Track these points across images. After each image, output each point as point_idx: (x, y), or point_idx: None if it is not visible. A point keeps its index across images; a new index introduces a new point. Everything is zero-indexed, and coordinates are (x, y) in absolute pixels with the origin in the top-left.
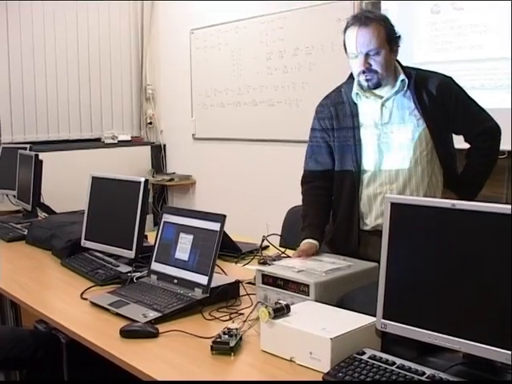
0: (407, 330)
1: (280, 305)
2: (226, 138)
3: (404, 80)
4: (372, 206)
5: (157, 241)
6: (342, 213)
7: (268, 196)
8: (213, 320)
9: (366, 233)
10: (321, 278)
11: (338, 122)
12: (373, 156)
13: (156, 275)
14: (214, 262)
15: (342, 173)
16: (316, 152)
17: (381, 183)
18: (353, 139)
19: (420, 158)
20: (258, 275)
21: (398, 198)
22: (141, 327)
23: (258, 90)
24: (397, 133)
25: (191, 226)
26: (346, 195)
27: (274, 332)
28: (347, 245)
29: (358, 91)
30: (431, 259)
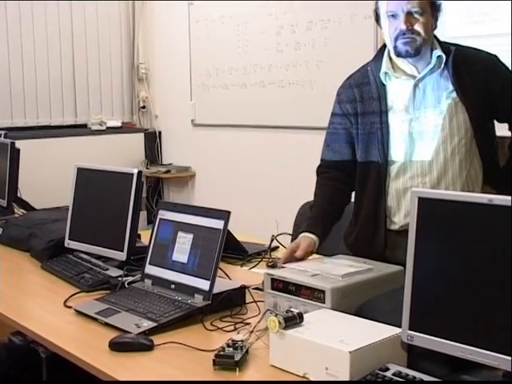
0: (437, 343)
1: (292, 313)
2: (230, 125)
3: (441, 56)
4: (401, 202)
5: (151, 241)
6: (365, 210)
7: (278, 190)
8: (215, 330)
9: (394, 233)
10: (338, 283)
11: (362, 106)
12: (403, 145)
13: (151, 280)
14: (216, 265)
15: (366, 164)
16: (334, 140)
17: (411, 176)
18: (379, 125)
19: (458, 147)
20: (267, 280)
21: (426, 192)
22: (133, 339)
23: (266, 69)
24: (431, 118)
25: (191, 224)
26: (370, 190)
27: (284, 344)
28: (372, 247)
29: (387, 70)
30: (465, 262)
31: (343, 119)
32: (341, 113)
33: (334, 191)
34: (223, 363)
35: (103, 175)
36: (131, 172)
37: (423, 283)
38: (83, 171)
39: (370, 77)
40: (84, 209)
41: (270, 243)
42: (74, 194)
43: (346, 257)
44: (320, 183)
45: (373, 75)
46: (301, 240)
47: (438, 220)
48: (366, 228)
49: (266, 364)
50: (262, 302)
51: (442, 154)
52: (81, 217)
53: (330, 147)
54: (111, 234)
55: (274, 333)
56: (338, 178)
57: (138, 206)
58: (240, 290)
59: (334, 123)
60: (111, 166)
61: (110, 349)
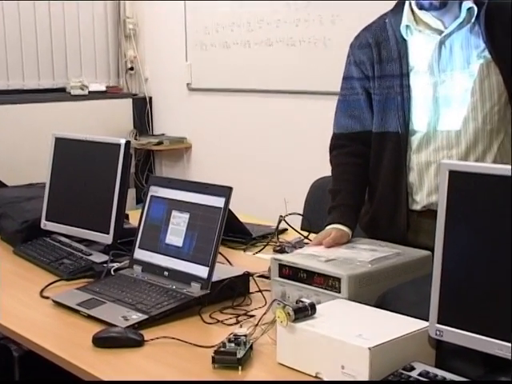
0: (470, 339)
1: (302, 304)
2: (232, 89)
3: (472, 8)
4: (423, 179)
5: (141, 221)
6: (382, 187)
7: (286, 164)
8: (215, 324)
9: (416, 213)
10: (356, 270)
11: (380, 68)
12: (426, 112)
13: (140, 266)
14: (216, 249)
15: (382, 135)
16: (352, 105)
17: (436, 148)
18: (400, 90)
19: (490, 115)
20: (274, 266)
21: (458, 164)
22: (120, 334)
23: (273, 25)
24: (459, 81)
25: (187, 202)
26: (387, 164)
27: (294, 339)
28: (392, 229)
29: (408, 23)
30: (503, 245)
31: (361, 81)
32: (358, 75)
33: (359, 171)
34: (224, 361)
35: (85, 146)
36: (118, 142)
37: (454, 270)
38: (62, 142)
39: (389, 30)
40: (63, 185)
41: (277, 225)
42: (52, 168)
43: (366, 240)
44: (339, 162)
45: (392, 29)
46: (332, 231)
47: (471, 197)
48: (383, 207)
49: (272, 362)
50: (268, 291)
51: (471, 122)
52: (59, 194)
53: (346, 114)
54: (95, 213)
55: (282, 326)
56: (359, 153)
57: (125, 182)
58: (243, 277)
59: (350, 87)
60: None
61: (94, 345)
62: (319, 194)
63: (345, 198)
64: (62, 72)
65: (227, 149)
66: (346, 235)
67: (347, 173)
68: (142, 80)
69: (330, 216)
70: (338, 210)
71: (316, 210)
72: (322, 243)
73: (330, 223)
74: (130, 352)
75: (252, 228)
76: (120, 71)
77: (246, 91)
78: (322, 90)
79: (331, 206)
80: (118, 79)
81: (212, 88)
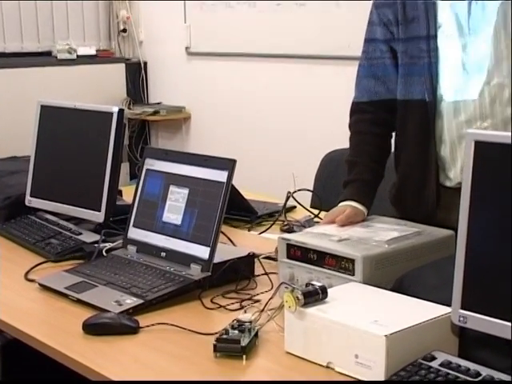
0: (497, 326)
1: (313, 287)
2: (235, 54)
3: None
4: (456, 153)
5: (136, 197)
6: (408, 159)
7: (295, 136)
8: (216, 309)
9: (449, 190)
10: (371, 250)
11: (404, 25)
12: (455, 78)
13: (135, 246)
14: (218, 228)
15: (407, 103)
16: (376, 69)
17: (468, 119)
18: (427, 53)
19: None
20: (282, 246)
21: (485, 134)
22: (113, 320)
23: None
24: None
25: (186, 176)
26: (413, 135)
27: (303, 326)
28: (419, 205)
29: None
30: None
31: (387, 42)
32: (383, 35)
33: (380, 142)
34: (226, 349)
35: (74, 115)
36: (110, 111)
37: (480, 250)
38: (48, 110)
39: None
40: (50, 158)
41: (285, 202)
42: (37, 140)
43: (383, 218)
44: (359, 129)
45: None
46: (346, 208)
47: (500, 171)
48: (409, 181)
49: (280, 351)
50: (275, 273)
51: (507, 89)
52: (46, 168)
53: (369, 77)
54: (85, 189)
55: (290, 312)
56: (382, 122)
57: (118, 155)
58: (248, 258)
59: (374, 50)
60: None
61: (85, 332)
62: (331, 169)
63: (362, 172)
64: (48, 34)
65: (230, 119)
66: (361, 214)
67: (367, 143)
68: (135, 43)
69: (345, 191)
70: (353, 185)
71: (327, 186)
72: (335, 221)
73: (344, 199)
74: (124, 340)
75: (257, 205)
76: (111, 33)
77: (250, 56)
78: (336, 55)
79: (347, 179)
80: (110, 42)
81: (213, 52)
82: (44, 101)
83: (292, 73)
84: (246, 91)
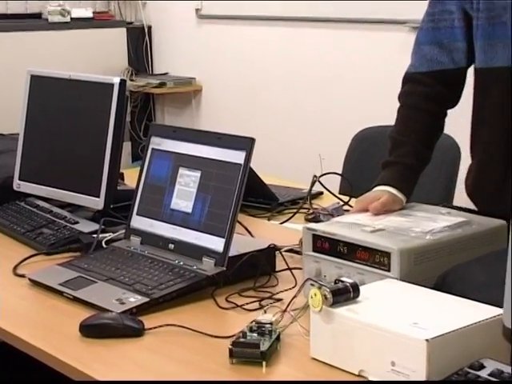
0: None
1: (342, 285)
2: (252, 17)
3: None
4: None
5: (140, 182)
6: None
7: (321, 111)
8: (232, 309)
9: None
10: (410, 243)
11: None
12: None
13: (139, 237)
14: (234, 216)
15: (488, 72)
16: (442, 33)
17: None
18: None
19: None
20: (307, 237)
21: None
22: (114, 320)
23: None
24: None
25: (197, 157)
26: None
27: (331, 329)
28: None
29: None
30: None
31: (458, 2)
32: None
33: (432, 121)
34: (244, 354)
35: (69, 87)
36: (110, 82)
37: None
38: (39, 81)
39: None
40: (41, 136)
41: (310, 187)
42: (27, 115)
43: (424, 206)
44: (411, 102)
45: None
46: (382, 193)
47: None
48: (490, 166)
49: (304, 357)
50: (299, 269)
51: None
52: (37, 148)
53: (432, 46)
54: (82, 172)
55: (316, 312)
56: (439, 98)
57: (120, 132)
58: (268, 252)
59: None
60: (81, 73)
61: (82, 334)
62: (363, 149)
63: (406, 154)
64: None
65: (246, 92)
66: (399, 202)
67: (417, 121)
68: (138, 5)
69: (383, 174)
70: (394, 168)
71: (359, 169)
72: (368, 209)
73: (381, 184)
74: (127, 343)
75: (279, 191)
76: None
77: (270, 19)
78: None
79: (388, 160)
80: (108, 3)
81: (228, 15)
82: (34, 70)
83: (318, 38)
84: (265, 60)
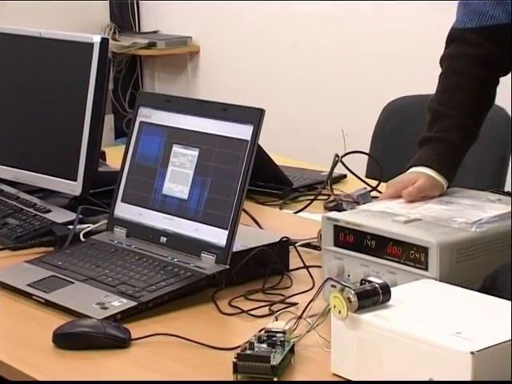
0: None
1: (370, 286)
2: None
3: None
4: None
5: (126, 162)
6: None
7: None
8: (237, 315)
9: None
10: (452, 236)
11: None
12: None
13: (124, 228)
14: (239, 204)
15: None
16: None
17: None
18: None
19: None
20: (327, 229)
21: None
22: (95, 328)
23: None
24: None
25: (195, 132)
26: None
27: (357, 339)
28: None
29: None
30: None
31: None
32: None
33: (482, 90)
34: (251, 369)
35: (40, 47)
36: (89, 41)
37: None
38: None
39: None
40: (6, 108)
41: (331, 169)
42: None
43: (470, 192)
44: (458, 67)
45: None
46: (418, 176)
47: None
48: None
49: (324, 372)
50: (317, 267)
51: None
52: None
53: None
54: (55, 150)
55: (339, 319)
56: (491, 62)
57: (101, 103)
58: (280, 246)
59: None
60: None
61: (56, 345)
62: (395, 124)
63: (450, 129)
64: None
65: (254, 54)
66: (439, 187)
67: (464, 88)
68: None
69: (421, 152)
70: (434, 145)
71: (390, 147)
72: (401, 195)
73: (418, 164)
74: (110, 356)
75: (293, 174)
76: None
77: None
78: None
79: (426, 136)
80: None
81: None
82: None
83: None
84: (277, 17)
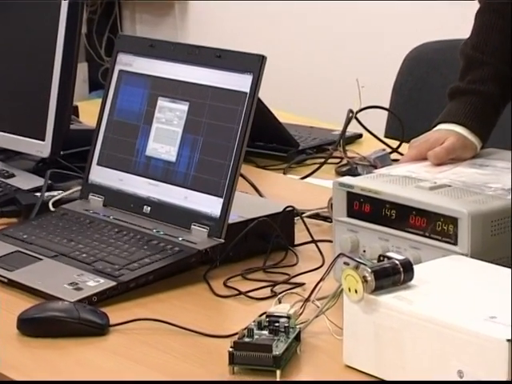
0: None
1: (390, 263)
2: None
3: None
4: None
5: (103, 119)
6: None
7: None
8: (234, 297)
9: None
10: (486, 204)
11: None
12: None
13: (101, 196)
14: (236, 168)
15: None
16: None
17: None
18: None
19: None
20: (340, 197)
21: None
22: (67, 313)
23: None
24: None
25: (185, 83)
26: None
27: (374, 325)
28: None
29: None
30: None
31: None
32: None
33: None
34: (250, 360)
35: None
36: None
37: None
38: None
39: None
40: None
41: (344, 127)
42: None
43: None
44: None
45: None
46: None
47: None
48: None
49: (335, 363)
50: (327, 241)
51: None
52: None
53: None
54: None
55: (353, 301)
56: None
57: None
58: (284, 217)
59: None
60: None
61: (21, 332)
62: (419, 74)
63: (486, 80)
64: None
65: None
66: (472, 148)
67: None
68: None
69: (451, 107)
70: (467, 98)
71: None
72: (426, 156)
73: (447, 121)
74: (85, 345)
75: (299, 133)
76: None
77: None
78: None
79: (457, 86)
80: None
81: None
82: None
83: None
84: None
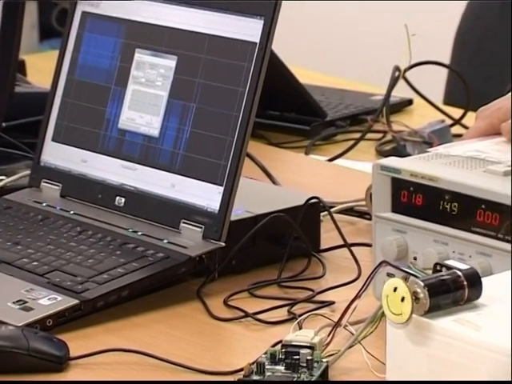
0: None
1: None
2: None
3: None
4: None
5: (60, 78)
6: None
7: None
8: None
9: None
10: None
11: None
12: None
13: (58, 184)
14: (242, 147)
15: None
16: None
17: None
18: None
19: None
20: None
21: None
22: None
23: None
24: None
25: (171, 29)
26: None
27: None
28: None
29: None
30: None
31: None
32: None
33: None
34: None
35: None
36: None
37: None
38: None
39: None
40: None
41: (387, 91)
42: None
43: None
44: None
45: None
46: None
47: None
48: None
49: None
50: (365, 245)
51: None
52: None
53: None
54: None
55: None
56: None
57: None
58: (306, 213)
59: None
60: None
61: None
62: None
63: None
64: None
65: None
66: None
67: None
68: None
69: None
70: None
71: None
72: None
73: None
74: None
75: (328, 99)
76: None
77: None
78: None
79: None
80: None
81: None
82: None
83: None
84: None
